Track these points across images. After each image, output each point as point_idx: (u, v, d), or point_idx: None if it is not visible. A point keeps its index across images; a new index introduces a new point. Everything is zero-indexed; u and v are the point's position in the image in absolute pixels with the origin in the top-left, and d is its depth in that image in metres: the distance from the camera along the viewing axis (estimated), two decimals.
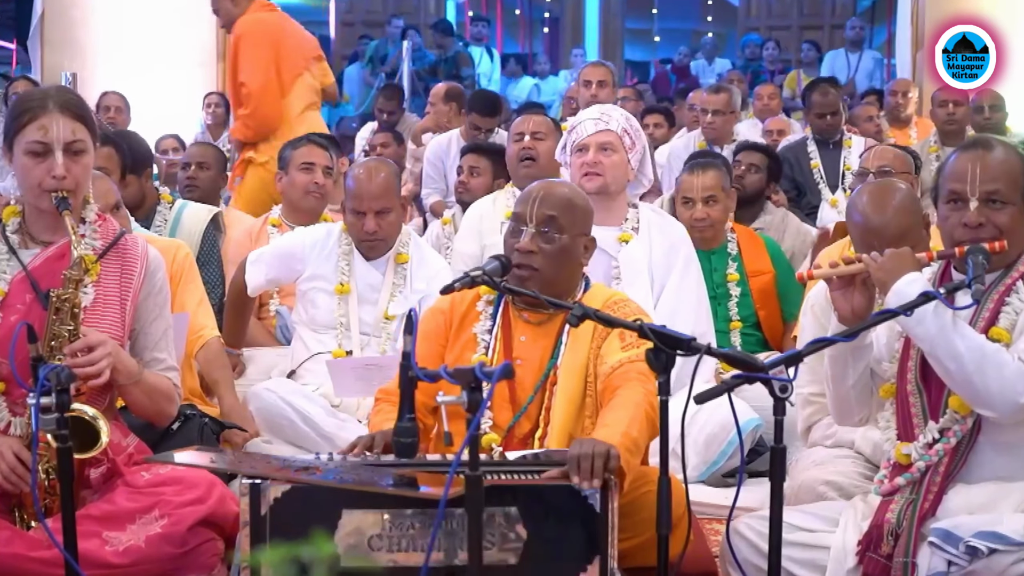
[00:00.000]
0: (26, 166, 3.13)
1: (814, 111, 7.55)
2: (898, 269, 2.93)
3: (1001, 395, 2.85)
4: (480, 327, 3.46)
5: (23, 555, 3.01)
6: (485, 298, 3.48)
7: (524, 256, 3.37)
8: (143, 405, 3.27)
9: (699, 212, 5.10)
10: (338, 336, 4.50)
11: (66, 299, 3.07)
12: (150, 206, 5.31)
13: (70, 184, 3.12)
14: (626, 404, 3.13)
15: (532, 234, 3.38)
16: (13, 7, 10.04)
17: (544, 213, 3.39)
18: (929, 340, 2.89)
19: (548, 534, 2.85)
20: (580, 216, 3.47)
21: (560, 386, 3.36)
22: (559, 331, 3.41)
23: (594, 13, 19.79)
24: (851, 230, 3.78)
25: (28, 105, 3.16)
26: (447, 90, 8.69)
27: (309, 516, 2.82)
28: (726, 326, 5.09)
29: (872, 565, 2.91)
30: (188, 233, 5.24)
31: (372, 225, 4.44)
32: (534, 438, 3.35)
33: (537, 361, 3.39)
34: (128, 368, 3.14)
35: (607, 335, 3.33)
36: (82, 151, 3.15)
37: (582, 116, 4.66)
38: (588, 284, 3.52)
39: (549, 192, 3.45)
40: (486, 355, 3.40)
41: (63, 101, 3.16)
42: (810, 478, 3.45)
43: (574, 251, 3.43)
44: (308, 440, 4.22)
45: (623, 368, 3.24)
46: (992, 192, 2.97)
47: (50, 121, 3.11)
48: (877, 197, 3.67)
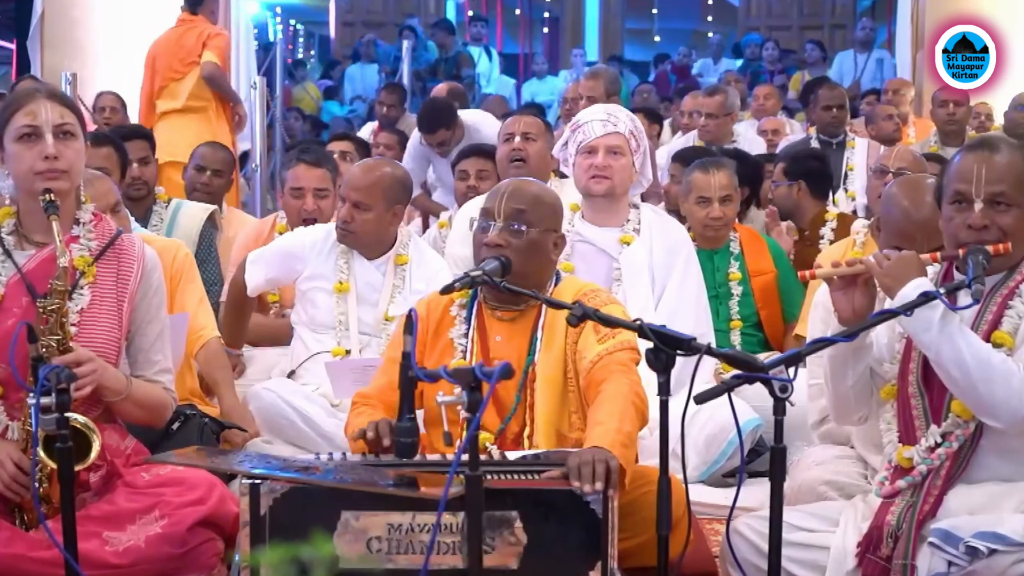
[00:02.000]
0: (17, 153, 3.12)
1: (821, 104, 7.57)
2: (904, 274, 2.91)
3: (1006, 405, 2.84)
4: (456, 331, 3.47)
5: (23, 555, 3.01)
6: (458, 302, 3.50)
7: (492, 250, 3.38)
8: (134, 416, 3.27)
9: (716, 211, 5.09)
10: (337, 335, 4.49)
11: (53, 309, 3.06)
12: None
13: (63, 165, 3.10)
14: (613, 398, 3.14)
15: (500, 228, 3.40)
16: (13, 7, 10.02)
17: (512, 207, 3.41)
18: (935, 348, 2.87)
19: (548, 537, 2.85)
20: (549, 212, 3.49)
21: (540, 382, 3.37)
22: (533, 327, 3.42)
23: (594, 13, 19.82)
24: (887, 225, 3.77)
25: (14, 96, 3.18)
26: (449, 90, 8.67)
27: (309, 516, 2.81)
28: (727, 326, 5.09)
29: (871, 567, 2.90)
30: (185, 232, 5.24)
31: (345, 213, 4.43)
32: (524, 437, 3.36)
33: (514, 359, 3.39)
34: (114, 385, 3.13)
35: (582, 329, 3.33)
36: (72, 134, 3.14)
37: (588, 115, 4.65)
38: (559, 277, 3.54)
39: (518, 188, 3.49)
40: (464, 359, 3.41)
41: (50, 91, 3.20)
42: (810, 478, 3.45)
43: (543, 246, 3.45)
44: (308, 440, 4.21)
45: (603, 361, 3.26)
46: (997, 194, 2.96)
47: (38, 106, 3.11)
48: (914, 192, 3.70)
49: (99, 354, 3.13)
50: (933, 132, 7.83)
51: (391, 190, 4.45)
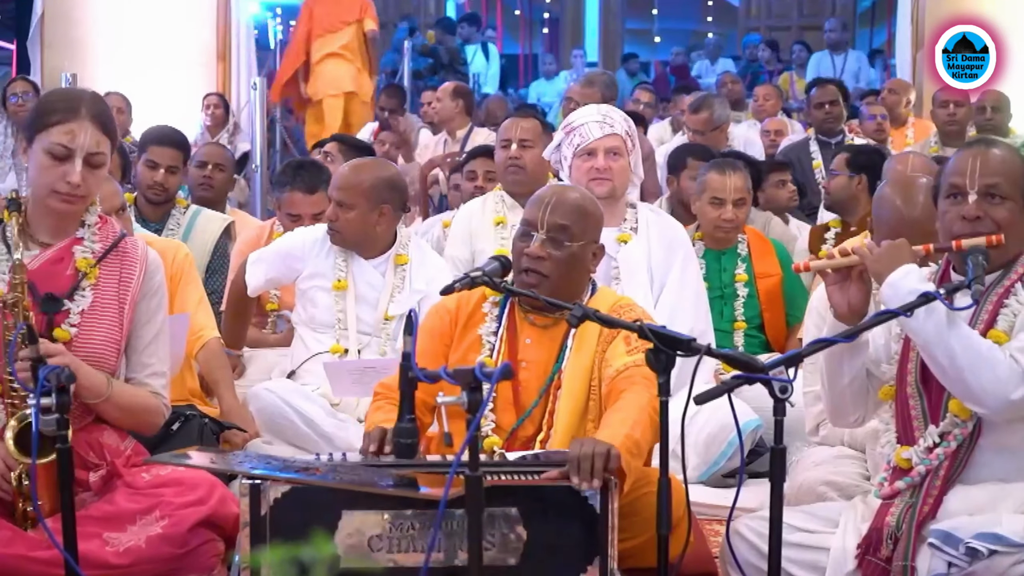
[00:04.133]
0: (43, 165, 3.11)
1: (814, 101, 7.59)
2: (894, 260, 2.93)
3: (993, 392, 2.84)
4: (486, 329, 3.45)
5: (23, 555, 3.00)
6: (491, 299, 3.48)
7: (533, 262, 3.36)
8: (118, 420, 3.25)
9: (729, 213, 5.09)
10: (336, 333, 4.49)
11: (12, 303, 3.04)
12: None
13: (83, 192, 3.11)
14: (629, 407, 3.13)
15: (542, 240, 3.36)
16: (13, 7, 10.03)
17: (556, 221, 3.38)
18: (923, 335, 2.88)
19: (548, 535, 2.85)
20: (592, 224, 3.46)
21: (564, 390, 3.35)
22: (565, 335, 3.40)
23: (594, 13, 19.80)
24: (880, 226, 3.76)
25: (59, 106, 3.14)
26: (455, 88, 8.66)
27: (309, 516, 2.82)
28: (731, 327, 5.09)
29: (871, 568, 2.90)
30: (201, 240, 5.25)
31: (330, 212, 4.43)
32: (536, 441, 3.35)
33: (542, 364, 3.39)
34: (92, 387, 3.09)
35: (612, 339, 3.32)
36: (101, 164, 3.15)
37: (583, 117, 4.64)
38: (595, 288, 3.51)
39: (562, 199, 3.43)
40: (491, 357, 3.39)
41: (95, 111, 3.14)
42: (810, 478, 3.45)
43: (583, 258, 3.42)
44: (308, 440, 4.21)
45: (628, 372, 3.24)
46: (991, 186, 2.97)
47: (79, 128, 3.09)
48: (906, 192, 3.71)
49: (98, 355, 3.14)
50: (933, 132, 7.82)
51: (374, 190, 4.41)
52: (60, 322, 3.12)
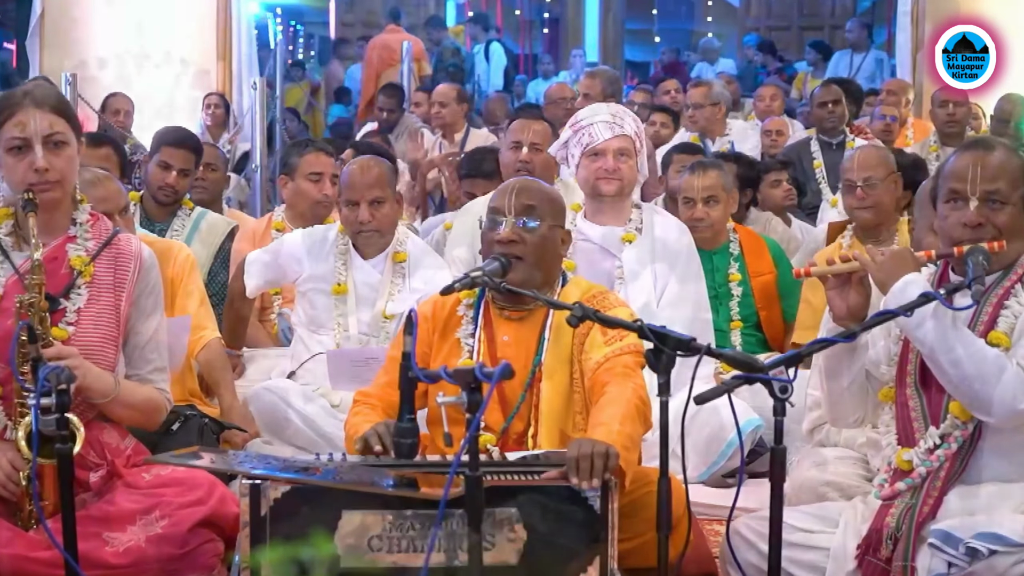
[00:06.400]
0: (9, 164, 3.13)
1: (816, 101, 7.65)
2: (898, 270, 2.93)
3: (1000, 401, 2.84)
4: (463, 331, 3.48)
5: (23, 555, 3.00)
6: (465, 302, 3.51)
7: (506, 246, 3.39)
8: (124, 418, 3.26)
9: (699, 212, 5.10)
10: (336, 337, 4.49)
11: (31, 303, 3.05)
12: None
13: (54, 176, 3.11)
14: (616, 400, 3.15)
15: (512, 224, 3.41)
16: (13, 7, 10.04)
17: (522, 203, 3.43)
18: (929, 344, 2.88)
19: (548, 535, 2.85)
20: (557, 207, 3.53)
21: (546, 382, 3.38)
22: (541, 327, 3.43)
23: (594, 13, 19.80)
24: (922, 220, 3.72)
25: (5, 103, 3.17)
26: (459, 92, 8.69)
27: (309, 517, 2.81)
28: (727, 326, 5.09)
29: (871, 568, 2.90)
30: (205, 242, 5.26)
31: (366, 215, 4.44)
32: (527, 437, 3.36)
33: (522, 359, 3.40)
34: (99, 386, 3.11)
35: (589, 328, 3.33)
36: (62, 143, 3.14)
37: (592, 116, 4.64)
38: (566, 279, 3.57)
39: (525, 185, 3.53)
40: (471, 359, 3.41)
41: (39, 96, 3.16)
42: (810, 478, 3.45)
43: (553, 240, 3.47)
44: (308, 440, 4.22)
45: (609, 363, 3.27)
46: (992, 192, 2.96)
47: (27, 116, 3.10)
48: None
49: (96, 353, 3.14)
50: (933, 132, 7.82)
51: (390, 181, 4.55)
52: (57, 321, 3.12)
